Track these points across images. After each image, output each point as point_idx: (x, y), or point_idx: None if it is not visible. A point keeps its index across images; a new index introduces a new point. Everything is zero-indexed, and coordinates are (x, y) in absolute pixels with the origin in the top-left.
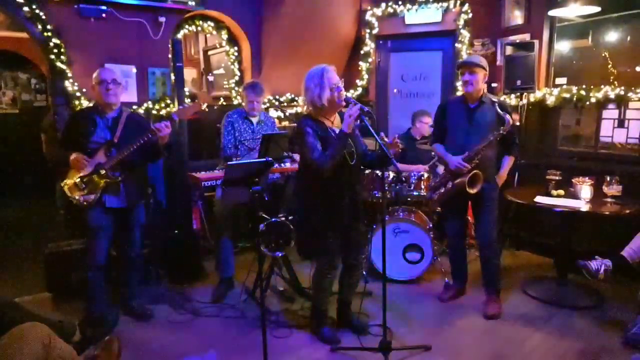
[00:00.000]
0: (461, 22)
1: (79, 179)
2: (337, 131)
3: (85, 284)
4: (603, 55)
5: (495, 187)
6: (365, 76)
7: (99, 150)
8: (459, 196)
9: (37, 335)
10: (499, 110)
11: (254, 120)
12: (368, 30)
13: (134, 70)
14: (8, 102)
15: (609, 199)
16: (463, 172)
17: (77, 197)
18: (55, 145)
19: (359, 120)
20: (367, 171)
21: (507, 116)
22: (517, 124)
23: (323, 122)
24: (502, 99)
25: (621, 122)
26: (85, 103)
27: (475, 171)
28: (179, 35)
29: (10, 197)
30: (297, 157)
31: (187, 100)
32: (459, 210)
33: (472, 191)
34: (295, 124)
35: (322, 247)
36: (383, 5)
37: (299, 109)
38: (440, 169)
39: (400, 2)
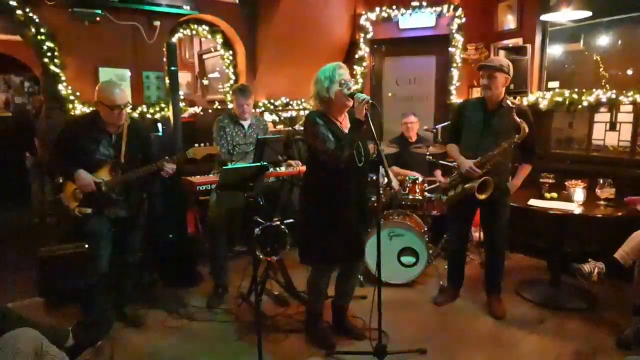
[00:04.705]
0: (455, 27)
1: (77, 189)
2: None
3: (78, 289)
4: (595, 59)
5: (507, 193)
6: (360, 80)
7: (103, 165)
8: (468, 200)
9: (29, 341)
10: (515, 117)
11: (245, 124)
12: (362, 35)
13: (129, 73)
14: (1, 105)
15: (601, 202)
16: (474, 177)
17: (72, 208)
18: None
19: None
20: None
21: (524, 123)
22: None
23: (332, 120)
24: (521, 104)
25: (613, 125)
26: (78, 107)
27: (485, 177)
28: (174, 39)
29: (3, 201)
30: (293, 162)
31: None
32: (466, 215)
33: (481, 197)
34: (289, 128)
35: (324, 252)
36: (377, 9)
37: (294, 113)
38: (438, 173)
39: (394, 7)
